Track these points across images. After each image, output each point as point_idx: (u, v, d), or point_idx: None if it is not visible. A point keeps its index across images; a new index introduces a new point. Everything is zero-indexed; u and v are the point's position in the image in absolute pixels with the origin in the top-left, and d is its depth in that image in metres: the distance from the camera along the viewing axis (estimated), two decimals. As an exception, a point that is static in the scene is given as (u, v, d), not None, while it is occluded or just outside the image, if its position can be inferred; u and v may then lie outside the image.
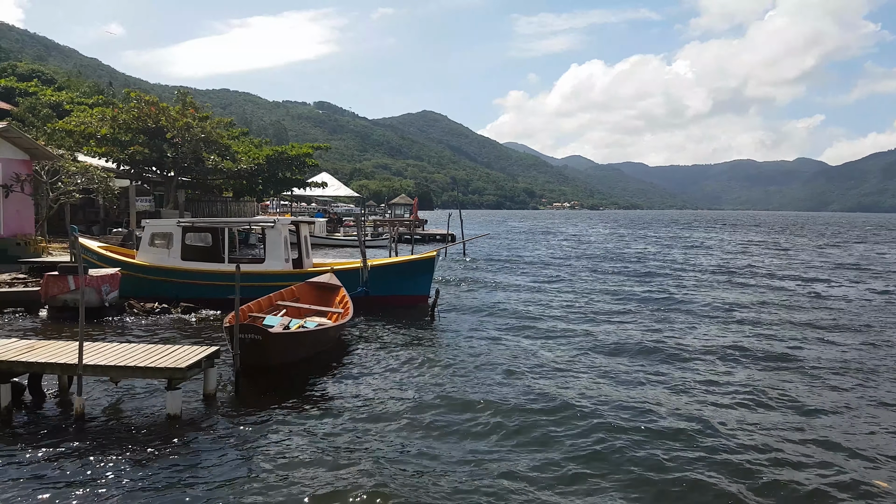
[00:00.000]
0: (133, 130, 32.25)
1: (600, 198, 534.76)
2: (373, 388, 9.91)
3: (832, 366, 11.83)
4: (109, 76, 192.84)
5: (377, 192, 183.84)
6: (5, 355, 8.24)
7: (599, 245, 49.15)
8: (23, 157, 22.45)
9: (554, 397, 9.50)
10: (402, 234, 42.09)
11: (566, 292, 21.35)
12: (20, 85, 56.35)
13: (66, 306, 14.69)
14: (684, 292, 21.51)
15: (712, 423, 8.50)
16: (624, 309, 17.98)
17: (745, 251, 43.74)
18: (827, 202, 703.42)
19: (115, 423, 8.19)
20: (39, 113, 44.61)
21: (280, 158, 37.71)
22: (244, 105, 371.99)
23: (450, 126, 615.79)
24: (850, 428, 8.57)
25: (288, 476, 6.73)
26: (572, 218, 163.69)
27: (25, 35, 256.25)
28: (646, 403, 9.31)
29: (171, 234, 16.73)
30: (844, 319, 16.72)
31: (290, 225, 18.06)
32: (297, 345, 11.06)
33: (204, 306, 15.78)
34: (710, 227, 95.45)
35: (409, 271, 17.42)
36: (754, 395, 9.83)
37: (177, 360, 8.21)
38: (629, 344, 13.33)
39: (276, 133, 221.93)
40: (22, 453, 7.11)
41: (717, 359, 12.22)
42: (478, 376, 10.67)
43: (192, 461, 7.04)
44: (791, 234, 73.11)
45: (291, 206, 66.50)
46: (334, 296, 15.01)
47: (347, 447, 7.52)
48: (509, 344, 13.18)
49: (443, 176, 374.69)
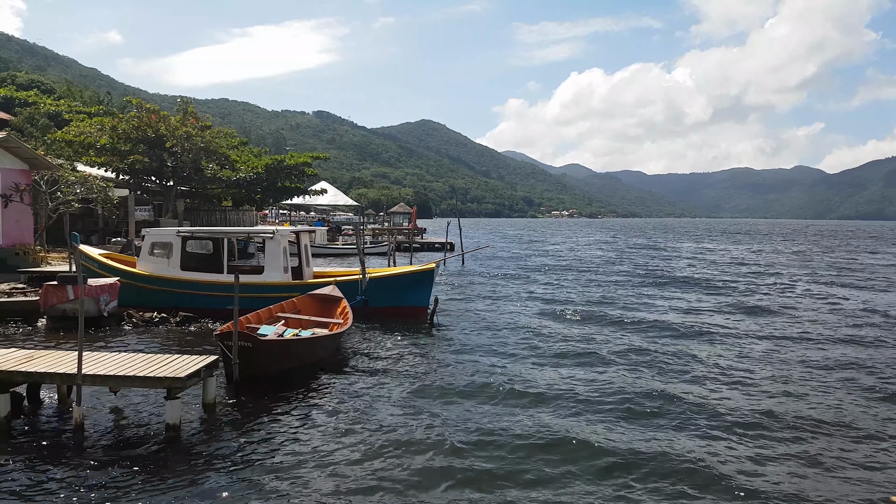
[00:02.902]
0: (133, 140, 32.32)
1: (599, 206, 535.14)
2: (372, 397, 9.90)
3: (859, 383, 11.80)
4: (108, 86, 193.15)
5: (376, 200, 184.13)
6: (4, 365, 8.24)
7: (596, 255, 49.28)
8: (22, 167, 22.49)
9: (552, 407, 9.52)
10: (401, 243, 42.16)
11: (563, 301, 21.36)
12: (19, 95, 56.45)
13: (65, 316, 14.69)
14: (691, 304, 21.52)
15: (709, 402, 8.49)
16: (623, 318, 17.99)
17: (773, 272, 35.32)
18: (827, 210, 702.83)
19: (115, 433, 8.18)
20: (38, 123, 44.69)
21: (279, 168, 37.81)
22: (243, 114, 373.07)
23: (448, 135, 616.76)
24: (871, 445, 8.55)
25: (288, 486, 6.72)
26: (564, 227, 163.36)
27: (24, 45, 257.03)
28: (652, 417, 9.32)
29: (170, 243, 16.71)
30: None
31: (291, 235, 18.05)
32: (289, 353, 10.94)
33: (203, 316, 15.75)
34: (717, 238, 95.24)
35: (409, 283, 17.40)
36: (769, 419, 9.77)
37: (176, 370, 8.21)
38: (629, 355, 13.33)
39: (274, 142, 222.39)
40: (21, 463, 7.10)
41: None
42: (475, 384, 10.65)
43: (191, 471, 7.02)
44: (826, 248, 60.40)
45: (290, 215, 66.59)
46: (335, 307, 15.00)
47: (346, 457, 7.51)
48: (506, 352, 13.17)
49: (442, 185, 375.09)
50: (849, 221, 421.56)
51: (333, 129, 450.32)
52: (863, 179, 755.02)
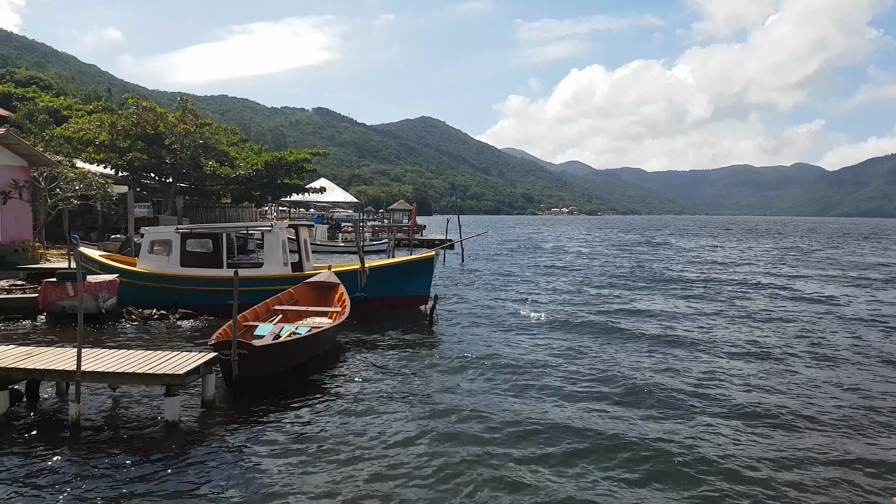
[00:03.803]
0: (132, 137, 32.28)
1: (598, 203, 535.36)
2: (372, 394, 9.88)
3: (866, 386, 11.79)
4: (108, 83, 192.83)
5: (376, 197, 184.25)
6: (3, 362, 8.23)
7: (595, 253, 49.26)
8: (21, 164, 22.44)
9: (553, 404, 9.51)
10: (401, 240, 42.17)
11: (563, 296, 21.34)
12: (18, 90, 56.29)
13: (64, 313, 14.67)
14: (687, 304, 21.51)
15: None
16: (623, 309, 17.97)
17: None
18: (827, 207, 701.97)
19: (114, 429, 8.16)
20: (37, 119, 44.59)
21: (279, 164, 37.75)
22: (243, 111, 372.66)
23: (448, 132, 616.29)
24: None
25: (287, 483, 6.71)
26: (564, 224, 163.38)
27: (24, 42, 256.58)
28: (651, 409, 9.32)
29: (170, 240, 16.66)
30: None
31: (289, 229, 18.03)
32: (285, 354, 10.77)
33: (204, 313, 15.70)
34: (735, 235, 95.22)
35: (409, 271, 17.40)
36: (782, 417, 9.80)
37: (175, 367, 8.19)
38: (631, 348, 13.34)
39: (274, 139, 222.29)
40: (19, 460, 7.08)
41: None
42: (473, 380, 10.67)
43: (190, 468, 7.01)
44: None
45: (290, 212, 66.52)
46: (333, 294, 14.95)
47: (347, 454, 7.50)
48: (508, 350, 13.16)
49: (441, 182, 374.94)
50: (851, 218, 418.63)
51: (333, 125, 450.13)
52: (863, 177, 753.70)
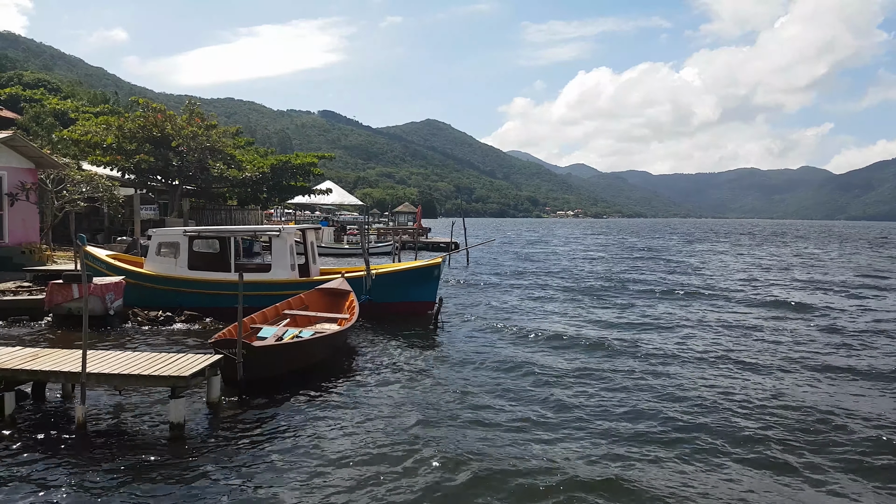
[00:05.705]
0: (138, 139, 32.38)
1: (604, 206, 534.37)
2: (377, 397, 9.88)
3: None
4: (115, 85, 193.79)
5: (381, 200, 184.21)
6: (9, 363, 8.24)
7: (599, 255, 49.16)
8: (28, 166, 22.53)
9: (561, 408, 9.47)
10: (406, 243, 42.16)
11: (570, 302, 21.29)
12: (25, 93, 56.55)
13: (70, 314, 14.70)
14: (701, 314, 21.41)
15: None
16: (628, 319, 17.92)
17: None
18: (834, 211, 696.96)
19: (119, 431, 8.16)
20: (44, 122, 44.76)
21: (285, 167, 37.81)
22: (249, 114, 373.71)
23: (454, 135, 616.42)
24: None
25: (293, 485, 6.70)
26: (570, 227, 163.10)
27: (31, 45, 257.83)
28: (666, 420, 9.28)
29: (177, 243, 16.66)
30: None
31: (297, 233, 18.03)
32: (286, 358, 10.70)
33: (212, 316, 15.60)
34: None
35: (415, 278, 17.34)
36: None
37: (180, 369, 8.19)
38: (638, 353, 13.28)
39: (280, 142, 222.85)
40: (24, 461, 7.08)
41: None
42: (478, 384, 10.64)
43: (195, 470, 7.00)
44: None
45: (295, 215, 66.63)
46: (344, 301, 14.93)
47: (352, 457, 7.48)
48: (513, 353, 13.13)
49: (446, 184, 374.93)
50: (862, 222, 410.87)
51: (339, 128, 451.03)
52: (871, 180, 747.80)
